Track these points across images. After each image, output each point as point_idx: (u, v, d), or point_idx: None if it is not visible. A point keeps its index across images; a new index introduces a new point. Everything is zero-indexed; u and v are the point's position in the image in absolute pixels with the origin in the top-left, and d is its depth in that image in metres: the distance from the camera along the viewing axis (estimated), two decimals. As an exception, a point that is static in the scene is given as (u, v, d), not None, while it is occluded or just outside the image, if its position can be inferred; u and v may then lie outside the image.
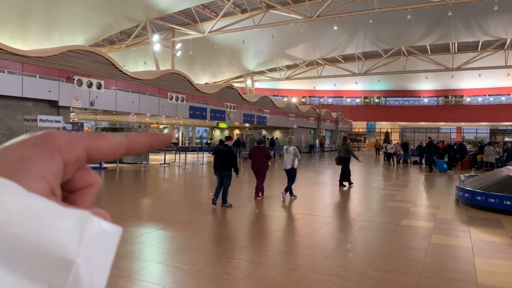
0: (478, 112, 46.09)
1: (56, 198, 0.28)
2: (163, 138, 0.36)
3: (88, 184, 0.34)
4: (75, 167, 0.30)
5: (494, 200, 8.77)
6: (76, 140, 0.30)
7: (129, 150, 0.34)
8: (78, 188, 0.33)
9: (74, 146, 0.30)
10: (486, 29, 30.97)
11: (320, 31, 31.93)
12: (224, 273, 4.40)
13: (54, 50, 15.22)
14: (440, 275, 4.58)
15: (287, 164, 10.09)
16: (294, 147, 10.13)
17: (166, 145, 0.37)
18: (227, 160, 8.45)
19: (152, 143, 0.35)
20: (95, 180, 0.34)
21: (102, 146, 0.31)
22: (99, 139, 0.32)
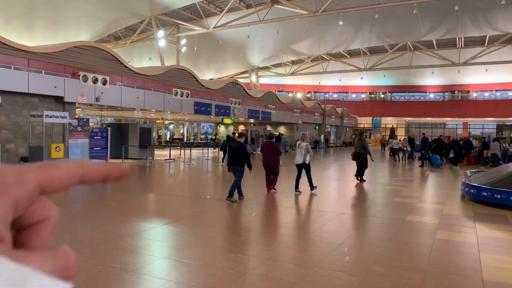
0: (484, 108, 45.73)
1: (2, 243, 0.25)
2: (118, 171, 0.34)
3: (42, 218, 0.30)
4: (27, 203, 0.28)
5: (500, 196, 8.71)
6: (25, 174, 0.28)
7: (83, 180, 0.31)
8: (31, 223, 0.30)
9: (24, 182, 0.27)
10: (494, 24, 30.65)
11: (325, 26, 31.76)
12: (229, 268, 4.42)
13: (59, 46, 15.28)
14: (445, 271, 4.57)
15: (299, 159, 10.21)
16: (306, 143, 10.28)
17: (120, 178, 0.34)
18: (239, 156, 8.59)
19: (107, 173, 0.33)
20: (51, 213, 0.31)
21: (56, 177, 0.29)
22: (52, 170, 0.29)
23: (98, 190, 11.07)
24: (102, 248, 5.11)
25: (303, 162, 10.13)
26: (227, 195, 8.54)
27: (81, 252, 4.90)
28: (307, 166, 10.17)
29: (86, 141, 14.94)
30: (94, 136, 16.81)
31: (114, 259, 4.67)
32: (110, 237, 5.61)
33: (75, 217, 7.16)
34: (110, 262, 4.55)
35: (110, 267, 4.37)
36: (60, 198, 9.51)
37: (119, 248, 5.14)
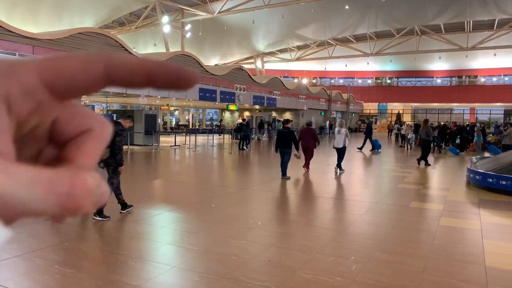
0: (492, 93, 45.19)
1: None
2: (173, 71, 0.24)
3: (82, 129, 0.24)
4: (27, 101, 0.22)
5: (505, 182, 8.67)
6: (20, 66, 0.22)
7: (109, 75, 0.23)
8: (69, 135, 0.24)
9: (16, 74, 0.21)
10: (503, 7, 30.06)
11: (331, 10, 31.35)
12: (232, 254, 4.47)
13: (64, 32, 15.25)
14: (448, 257, 4.59)
15: (339, 143, 11.67)
16: (345, 129, 11.81)
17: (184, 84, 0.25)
18: (288, 140, 10.10)
19: (151, 71, 0.24)
20: (93, 124, 0.25)
21: (66, 68, 0.22)
22: (60, 60, 0.22)
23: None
24: (107, 234, 5.19)
25: (343, 146, 11.61)
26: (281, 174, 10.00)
27: (88, 238, 4.98)
28: (344, 149, 11.66)
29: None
30: (99, 123, 16.88)
31: (120, 245, 4.74)
32: (115, 224, 5.68)
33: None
34: (116, 248, 4.62)
35: (116, 253, 4.44)
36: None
37: (125, 234, 5.21)
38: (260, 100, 29.12)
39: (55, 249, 4.50)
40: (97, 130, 0.25)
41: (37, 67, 0.22)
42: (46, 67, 0.22)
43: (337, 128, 12.10)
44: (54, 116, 0.23)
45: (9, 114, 0.21)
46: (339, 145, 11.66)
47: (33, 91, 0.22)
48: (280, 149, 10.13)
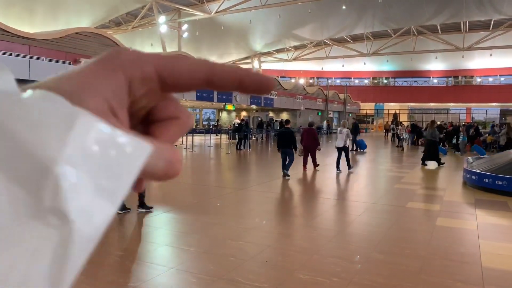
0: (488, 93, 45.38)
1: (116, 118, 0.25)
2: (259, 79, 0.28)
3: (171, 116, 0.29)
4: (142, 86, 0.26)
5: (501, 183, 8.72)
6: (145, 57, 0.27)
7: (210, 80, 0.28)
8: (158, 118, 0.29)
9: (141, 62, 0.26)
10: (499, 7, 30.19)
11: (328, 10, 31.39)
12: (230, 255, 4.47)
13: (60, 32, 15.21)
14: (444, 257, 4.61)
15: (340, 143, 11.95)
16: (346, 129, 12.06)
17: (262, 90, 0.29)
18: (288, 140, 10.39)
19: (243, 79, 0.28)
20: (181, 114, 0.30)
21: (176, 67, 0.27)
22: (172, 60, 0.27)
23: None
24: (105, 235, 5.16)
25: (343, 146, 11.86)
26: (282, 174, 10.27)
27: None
28: (346, 149, 11.94)
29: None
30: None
31: (117, 246, 4.73)
32: (112, 225, 5.66)
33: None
34: (113, 249, 4.60)
35: (113, 254, 4.43)
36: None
37: (121, 235, 5.20)
38: (257, 100, 29.13)
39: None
40: (184, 119, 0.30)
41: (156, 61, 0.26)
42: (164, 63, 0.27)
43: (339, 128, 12.47)
44: (156, 102, 0.28)
45: (129, 93, 0.26)
46: (340, 144, 12.02)
47: (149, 79, 0.26)
48: (282, 149, 10.48)
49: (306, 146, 11.84)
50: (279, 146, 10.61)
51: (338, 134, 12.22)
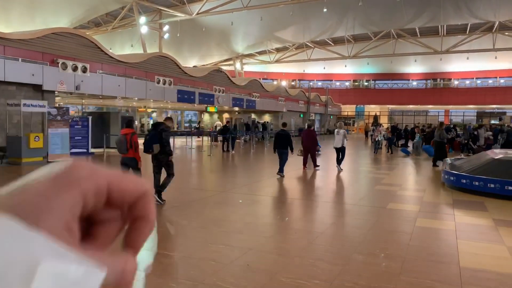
0: (465, 95, 46.49)
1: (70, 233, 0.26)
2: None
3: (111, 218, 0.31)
4: (94, 199, 0.28)
5: (478, 183, 8.90)
6: (98, 171, 0.29)
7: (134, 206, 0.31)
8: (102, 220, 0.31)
9: (95, 177, 0.28)
10: (475, 12, 30.97)
11: (309, 13, 31.60)
12: (210, 259, 4.41)
13: (37, 32, 14.83)
14: (424, 258, 4.66)
15: (338, 143, 12.68)
16: (343, 130, 12.89)
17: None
18: (284, 141, 10.98)
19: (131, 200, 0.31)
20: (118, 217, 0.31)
21: (123, 185, 0.30)
22: (122, 178, 0.30)
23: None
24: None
25: (341, 146, 12.59)
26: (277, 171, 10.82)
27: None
28: (343, 149, 12.66)
29: (66, 131, 14.61)
30: (74, 125, 16.49)
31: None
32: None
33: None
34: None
35: (90, 260, 4.32)
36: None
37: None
38: (240, 102, 29.07)
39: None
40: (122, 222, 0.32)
41: (108, 176, 0.29)
42: (115, 179, 0.29)
43: (336, 130, 13.18)
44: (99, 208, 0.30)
45: (83, 206, 0.27)
46: (338, 145, 12.71)
47: (101, 193, 0.28)
48: (278, 150, 11.07)
49: (306, 147, 12.51)
50: (275, 147, 11.18)
51: (336, 135, 12.90)
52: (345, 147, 12.83)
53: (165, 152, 7.02)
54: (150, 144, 7.01)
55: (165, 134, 7.01)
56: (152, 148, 6.98)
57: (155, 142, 6.97)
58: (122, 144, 7.06)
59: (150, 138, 7.09)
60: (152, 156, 7.17)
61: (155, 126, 7.27)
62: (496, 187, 8.56)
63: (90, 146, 17.00)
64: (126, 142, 7.01)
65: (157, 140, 6.97)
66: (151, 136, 7.10)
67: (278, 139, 11.22)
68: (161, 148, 6.96)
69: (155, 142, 6.96)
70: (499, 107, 46.66)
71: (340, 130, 12.93)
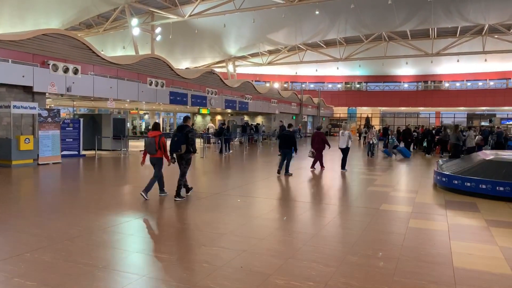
0: (456, 97, 46.89)
1: None
2: None
3: None
4: None
5: (470, 184, 8.96)
6: None
7: None
8: None
9: None
10: (465, 15, 31.28)
11: (301, 15, 31.68)
12: (203, 261, 4.37)
13: (27, 33, 14.67)
14: (417, 259, 4.66)
15: (343, 144, 13.17)
16: (348, 132, 13.48)
17: None
18: (288, 142, 11.53)
19: None
20: None
21: None
22: None
23: (70, 182, 10.79)
24: (73, 243, 4.97)
25: (346, 146, 13.11)
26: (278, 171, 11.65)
27: (51, 248, 4.75)
28: (347, 149, 13.19)
29: (57, 133, 14.46)
30: (65, 127, 16.34)
31: (86, 254, 4.55)
32: (81, 232, 5.46)
33: (45, 210, 6.94)
34: (81, 258, 4.42)
35: (81, 263, 4.26)
36: (31, 190, 9.22)
37: (91, 243, 5.01)
38: (232, 104, 29.03)
39: (15, 261, 4.26)
40: None
41: None
42: None
43: (341, 131, 13.71)
44: None
45: None
46: (343, 145, 13.22)
47: None
48: (282, 150, 11.66)
49: (316, 149, 13.12)
50: (280, 147, 11.75)
51: (341, 136, 13.39)
52: (349, 147, 13.34)
53: (189, 151, 7.85)
54: (178, 145, 7.75)
55: (191, 135, 7.84)
56: (181, 148, 7.74)
57: (182, 143, 7.71)
58: (151, 145, 7.78)
59: (178, 139, 7.77)
60: (177, 156, 7.96)
61: (181, 129, 7.92)
62: (488, 188, 8.63)
63: (81, 148, 16.85)
64: (155, 143, 7.75)
65: (184, 141, 7.72)
66: (178, 138, 7.77)
67: (283, 139, 11.70)
68: (187, 148, 7.79)
69: (183, 143, 7.71)
70: (489, 109, 47.14)
71: (345, 131, 13.54)
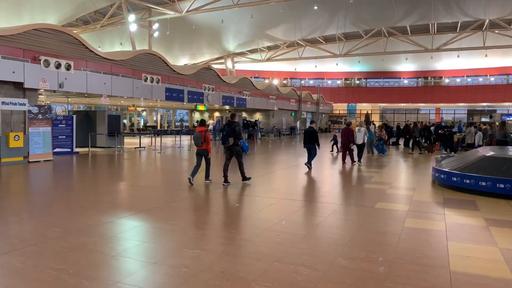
0: (456, 93, 46.54)
1: None
2: None
3: None
4: None
5: (469, 181, 8.67)
6: None
7: None
8: None
9: None
10: (465, 10, 30.90)
11: (300, 11, 31.32)
12: (183, 266, 4.09)
13: (17, 28, 14.35)
14: (412, 261, 4.38)
15: (359, 140, 14.06)
16: (364, 128, 14.41)
17: None
18: (312, 137, 12.19)
19: None
20: None
21: None
22: None
23: (57, 180, 10.50)
24: (47, 246, 4.69)
25: (362, 142, 14.22)
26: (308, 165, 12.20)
27: (23, 251, 4.47)
28: (363, 145, 14.29)
29: (48, 129, 14.17)
30: (58, 124, 16.05)
31: (59, 258, 4.27)
32: (59, 233, 5.18)
33: (24, 210, 6.66)
34: (53, 262, 4.14)
35: (52, 268, 3.97)
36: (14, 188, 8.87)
37: (67, 245, 4.73)
38: (230, 101, 28.72)
39: (-19, 265, 3.98)
40: None
41: None
42: None
43: (357, 127, 14.28)
44: None
45: None
46: (359, 141, 13.98)
47: None
48: (307, 145, 12.24)
49: (344, 144, 13.66)
50: (305, 142, 12.34)
51: (357, 133, 13.93)
52: (365, 143, 14.25)
53: (237, 144, 9.10)
54: (226, 138, 9.08)
55: (238, 129, 9.11)
56: (228, 141, 9.02)
57: (230, 136, 9.01)
58: (198, 139, 9.03)
59: (226, 133, 9.16)
60: (225, 147, 9.24)
61: (229, 124, 9.23)
62: (488, 185, 8.34)
63: (74, 145, 16.57)
64: (201, 137, 8.99)
65: (232, 134, 8.99)
66: (227, 132, 9.17)
67: (307, 135, 12.29)
68: (234, 141, 9.03)
69: (230, 136, 9.00)
70: (489, 105, 46.80)
71: (361, 128, 14.28)
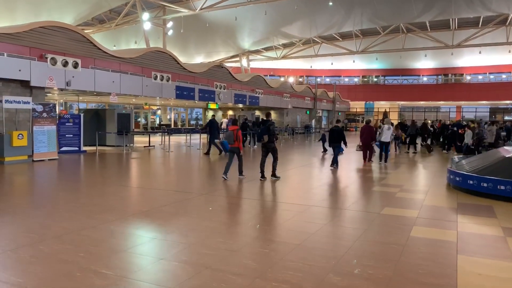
0: (478, 91, 44.97)
1: None
2: None
3: None
4: None
5: (487, 185, 8.02)
6: None
7: None
8: None
9: None
10: (488, 4, 29.63)
11: (315, 7, 30.64)
12: (154, 283, 3.67)
13: (23, 26, 14.26)
14: (413, 279, 3.86)
15: (387, 138, 14.28)
16: (389, 126, 14.51)
17: None
18: (337, 136, 12.32)
19: None
20: None
21: None
22: None
23: (56, 181, 10.26)
24: (15, 254, 4.35)
25: (389, 140, 14.51)
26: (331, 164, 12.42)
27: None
28: (388, 143, 14.39)
29: (53, 128, 14.02)
30: (65, 123, 15.94)
31: (20, 270, 3.92)
32: (31, 240, 4.84)
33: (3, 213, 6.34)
34: (13, 275, 3.79)
35: (9, 282, 3.62)
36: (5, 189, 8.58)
37: (36, 254, 4.38)
38: (242, 99, 28.32)
39: None
40: None
41: None
42: None
43: (386, 125, 14.57)
44: None
45: None
46: (387, 139, 14.21)
47: None
48: (332, 144, 12.42)
49: (364, 142, 13.89)
50: (330, 141, 12.55)
51: (386, 131, 14.19)
52: (389, 142, 14.48)
53: (271, 140, 9.63)
54: (261, 135, 9.64)
55: (272, 127, 9.70)
56: (263, 138, 9.56)
57: (264, 134, 9.54)
58: (230, 137, 9.54)
59: (261, 131, 9.76)
60: (262, 144, 9.77)
61: (264, 122, 9.66)
62: (507, 189, 7.67)
63: (82, 144, 16.44)
64: (233, 135, 9.50)
65: (266, 132, 9.51)
66: (262, 130, 9.77)
67: (333, 134, 12.43)
68: (269, 138, 9.56)
69: (265, 134, 9.53)
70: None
71: (390, 126, 14.57)
